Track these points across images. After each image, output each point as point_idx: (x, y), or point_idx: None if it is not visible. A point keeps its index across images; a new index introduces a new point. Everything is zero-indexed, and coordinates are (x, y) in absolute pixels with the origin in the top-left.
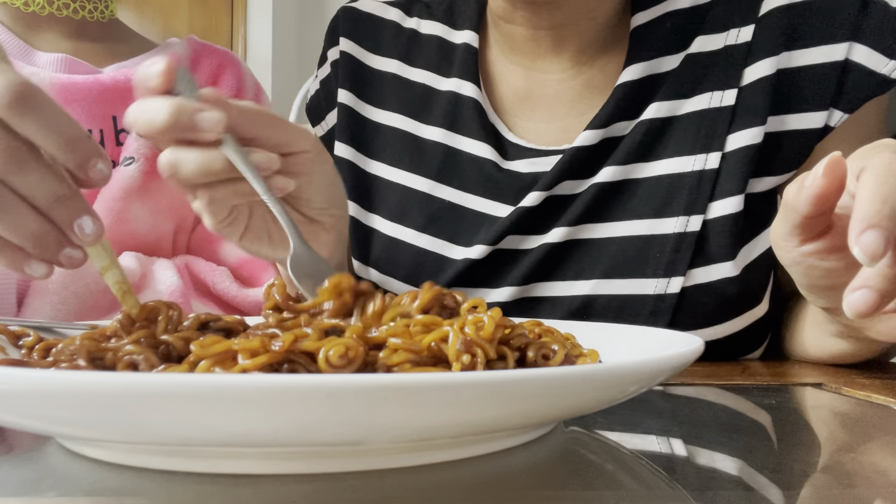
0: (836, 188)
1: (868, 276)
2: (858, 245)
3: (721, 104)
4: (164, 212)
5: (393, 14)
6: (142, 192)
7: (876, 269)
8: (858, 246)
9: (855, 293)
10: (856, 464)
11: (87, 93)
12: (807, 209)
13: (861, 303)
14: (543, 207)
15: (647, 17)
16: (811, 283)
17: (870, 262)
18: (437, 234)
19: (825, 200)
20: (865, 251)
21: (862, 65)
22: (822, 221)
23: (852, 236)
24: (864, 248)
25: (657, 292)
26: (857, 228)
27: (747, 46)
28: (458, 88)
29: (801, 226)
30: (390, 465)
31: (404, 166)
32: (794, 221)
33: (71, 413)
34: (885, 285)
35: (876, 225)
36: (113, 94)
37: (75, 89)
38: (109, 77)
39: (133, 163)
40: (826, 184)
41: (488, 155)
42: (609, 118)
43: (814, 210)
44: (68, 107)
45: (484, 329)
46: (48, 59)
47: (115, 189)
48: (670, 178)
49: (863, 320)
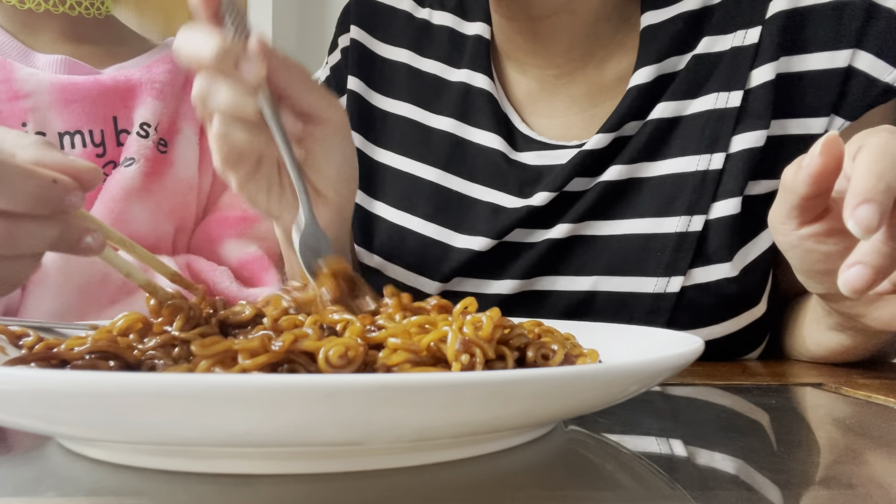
0: (834, 167)
1: (863, 253)
2: (853, 219)
3: (727, 105)
4: (164, 212)
5: (405, 4)
6: (142, 193)
7: (871, 245)
8: (853, 219)
9: (850, 269)
10: (856, 464)
11: (87, 93)
12: (805, 189)
13: (856, 279)
14: (551, 204)
15: (658, 17)
16: (808, 268)
17: (864, 234)
18: (444, 223)
19: (823, 180)
20: (860, 224)
21: (865, 72)
22: (819, 203)
23: (847, 210)
24: (859, 221)
25: (657, 291)
26: (852, 203)
27: (754, 48)
28: (468, 79)
29: (799, 207)
30: (390, 465)
31: (412, 155)
32: (793, 203)
33: (71, 413)
34: (880, 261)
35: (871, 199)
36: (113, 95)
37: (75, 90)
38: (109, 77)
39: (133, 164)
40: (823, 163)
41: (498, 145)
42: (621, 120)
43: (812, 190)
44: (68, 107)
45: (483, 329)
46: (47, 61)
47: (116, 190)
48: (674, 177)
49: (861, 307)
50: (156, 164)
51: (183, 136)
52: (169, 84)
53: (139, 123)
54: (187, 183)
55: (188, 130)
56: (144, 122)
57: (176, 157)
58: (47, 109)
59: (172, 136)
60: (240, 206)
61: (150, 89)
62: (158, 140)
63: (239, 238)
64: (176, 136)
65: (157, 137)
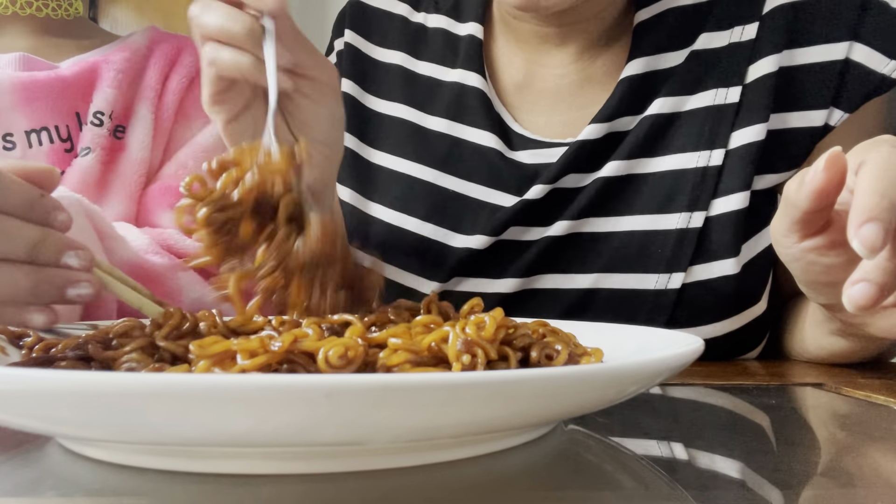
0: (837, 183)
1: (867, 270)
2: (858, 238)
3: (725, 101)
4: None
5: (401, 8)
6: (100, 181)
7: (875, 262)
8: (858, 239)
9: (854, 287)
10: (856, 464)
11: (49, 89)
12: (808, 204)
13: (860, 296)
14: (547, 200)
15: (649, 13)
16: (811, 280)
17: (869, 254)
18: (441, 223)
19: (826, 195)
20: (865, 244)
21: (862, 64)
22: (822, 217)
23: (851, 229)
24: (864, 240)
25: (658, 287)
26: (856, 221)
27: (752, 44)
28: (462, 79)
29: (801, 221)
30: (390, 465)
31: (408, 156)
32: (795, 217)
33: (71, 413)
34: (885, 278)
35: (875, 218)
36: (74, 88)
37: (37, 87)
38: (70, 71)
39: (89, 153)
40: (827, 179)
41: (493, 144)
42: (613, 112)
43: (815, 205)
44: (31, 105)
45: (485, 329)
46: (6, 60)
47: (74, 181)
48: (674, 174)
49: (863, 316)
50: (112, 152)
51: (137, 116)
52: (126, 71)
53: (93, 112)
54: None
55: (143, 110)
56: (98, 110)
57: (130, 140)
58: (11, 110)
59: (128, 119)
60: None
61: (107, 78)
62: (115, 127)
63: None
64: (131, 118)
65: (114, 125)
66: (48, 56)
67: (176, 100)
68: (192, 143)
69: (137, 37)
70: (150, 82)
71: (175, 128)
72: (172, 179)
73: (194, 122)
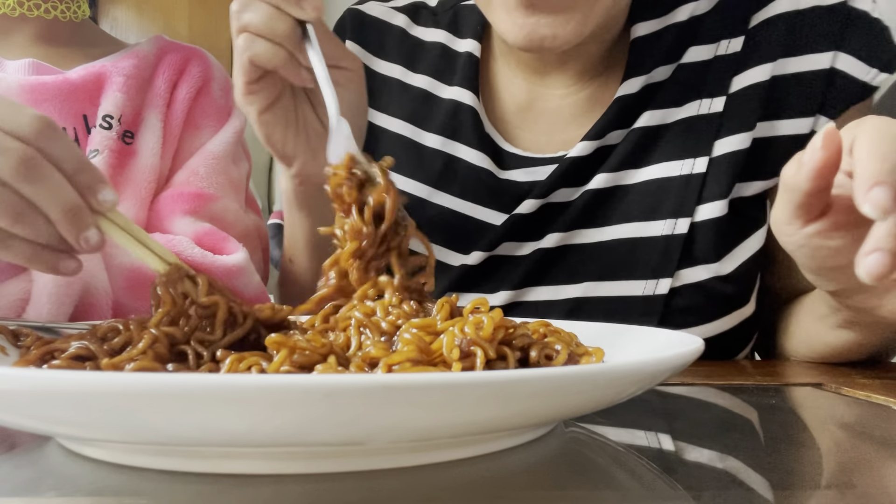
0: (835, 160)
1: (878, 238)
2: (868, 202)
3: (710, 111)
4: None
5: (400, 20)
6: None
7: (885, 230)
8: (868, 203)
9: (868, 257)
10: (856, 464)
11: (56, 92)
12: (808, 184)
13: (875, 265)
14: (538, 214)
15: (647, 29)
16: (818, 266)
17: (881, 215)
18: (435, 240)
19: (826, 174)
20: (876, 206)
21: (846, 73)
22: (822, 199)
23: (860, 195)
24: (875, 203)
25: (646, 293)
26: (863, 187)
27: (737, 56)
28: (458, 97)
29: (803, 205)
30: (390, 465)
31: (403, 172)
32: (797, 201)
33: (71, 413)
34: None
35: (881, 181)
36: (82, 93)
37: (44, 90)
38: (78, 76)
39: (97, 155)
40: (826, 155)
41: (485, 164)
42: (605, 128)
43: (815, 185)
44: (38, 108)
45: (483, 329)
46: (15, 66)
47: None
48: (659, 182)
49: (874, 299)
50: (120, 156)
51: (147, 124)
52: (134, 77)
53: (101, 115)
54: (151, 169)
55: (153, 118)
56: (107, 114)
57: (140, 146)
58: None
59: (137, 126)
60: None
61: (116, 83)
62: (124, 132)
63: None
64: (140, 125)
65: (122, 129)
66: (56, 65)
67: (184, 109)
68: (202, 151)
69: (145, 45)
70: (158, 91)
71: (184, 136)
72: (184, 186)
73: (203, 130)
